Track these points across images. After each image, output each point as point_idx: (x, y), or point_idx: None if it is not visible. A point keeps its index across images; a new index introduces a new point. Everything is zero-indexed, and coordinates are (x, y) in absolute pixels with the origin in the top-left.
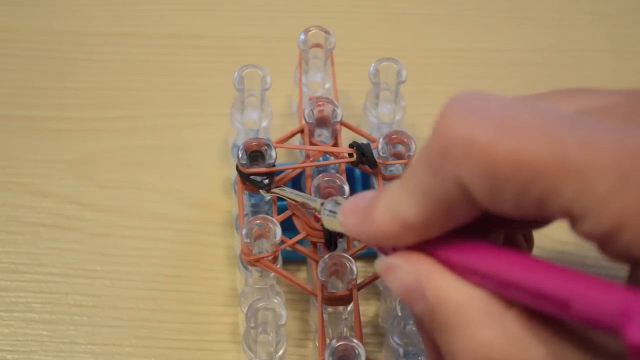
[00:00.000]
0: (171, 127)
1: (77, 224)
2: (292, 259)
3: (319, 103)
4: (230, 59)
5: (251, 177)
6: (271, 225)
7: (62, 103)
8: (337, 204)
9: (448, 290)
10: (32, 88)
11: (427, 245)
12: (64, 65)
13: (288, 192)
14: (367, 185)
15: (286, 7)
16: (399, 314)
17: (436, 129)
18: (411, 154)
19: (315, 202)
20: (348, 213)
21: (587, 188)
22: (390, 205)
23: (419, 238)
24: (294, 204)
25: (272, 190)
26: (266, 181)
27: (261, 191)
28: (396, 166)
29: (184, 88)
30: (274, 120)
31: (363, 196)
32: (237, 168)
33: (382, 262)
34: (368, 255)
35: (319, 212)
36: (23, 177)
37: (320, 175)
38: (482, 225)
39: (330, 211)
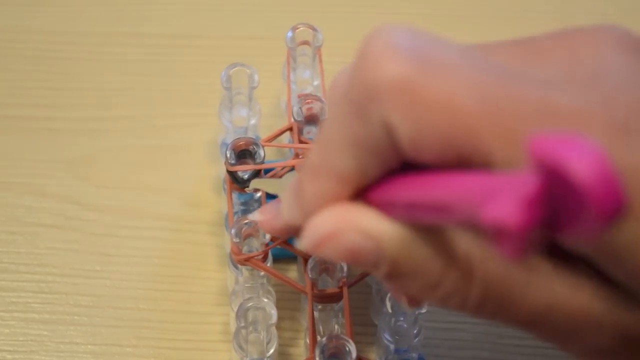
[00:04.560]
0: (171, 127)
1: (77, 224)
2: (283, 257)
3: (307, 100)
4: (229, 59)
5: (234, 176)
6: None
7: (62, 103)
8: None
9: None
10: (32, 88)
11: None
12: (64, 65)
13: (264, 183)
14: None
15: (286, 7)
16: (390, 310)
17: (358, 69)
18: (325, 117)
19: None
20: (285, 204)
21: (515, 149)
22: (320, 165)
23: (355, 188)
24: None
25: (251, 184)
26: (245, 176)
27: (246, 189)
28: None
29: (184, 88)
30: (266, 120)
31: (294, 179)
32: (225, 167)
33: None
34: None
35: None
36: (23, 177)
37: None
38: None
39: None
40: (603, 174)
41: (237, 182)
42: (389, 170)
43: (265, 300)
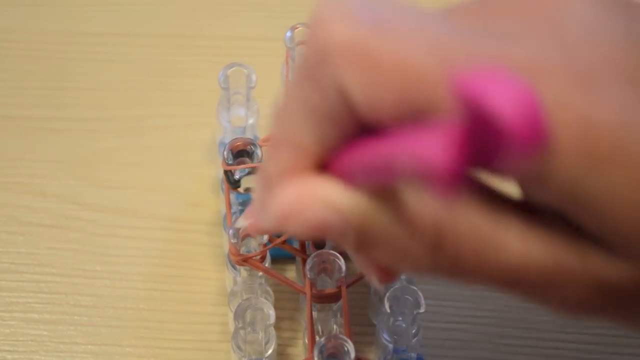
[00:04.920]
0: (170, 127)
1: (77, 224)
2: (281, 257)
3: None
4: (228, 59)
5: (228, 176)
6: None
7: (62, 103)
8: None
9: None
10: (32, 88)
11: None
12: (64, 65)
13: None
14: None
15: (286, 7)
16: (388, 310)
17: (311, 34)
18: None
19: None
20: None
21: None
22: (279, 139)
23: (316, 159)
24: None
25: (242, 183)
26: (236, 177)
27: (238, 190)
28: None
29: (183, 88)
30: (264, 120)
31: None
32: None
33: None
34: None
35: None
36: (23, 177)
37: None
38: None
39: None
40: (522, 106)
41: (230, 183)
42: (347, 136)
43: (264, 300)
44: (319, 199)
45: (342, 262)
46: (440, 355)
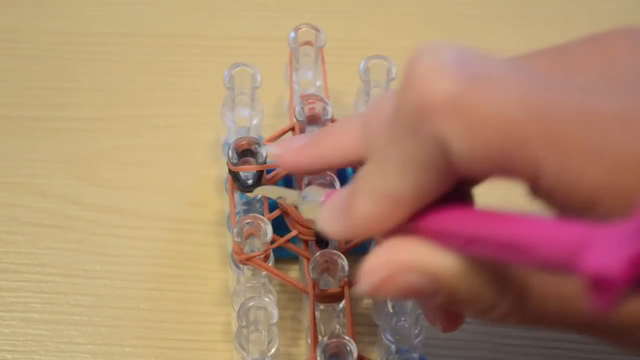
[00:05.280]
0: (171, 127)
1: (77, 224)
2: (284, 257)
3: (309, 101)
4: (230, 59)
5: (237, 178)
6: (262, 224)
7: (62, 103)
8: (316, 192)
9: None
10: (32, 88)
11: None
12: (64, 65)
13: (270, 191)
14: None
15: (286, 7)
16: (391, 310)
17: (409, 88)
18: (328, 117)
19: (295, 195)
20: (328, 218)
21: (564, 157)
22: (373, 186)
23: (410, 212)
24: (285, 204)
25: (255, 191)
26: (250, 181)
27: (249, 194)
28: None
29: (184, 88)
30: (268, 120)
31: (339, 194)
32: (228, 167)
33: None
34: (360, 252)
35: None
36: (23, 177)
37: None
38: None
39: (308, 200)
40: None
41: (239, 184)
42: (442, 191)
43: (267, 299)
44: (412, 264)
45: (345, 261)
46: (441, 355)
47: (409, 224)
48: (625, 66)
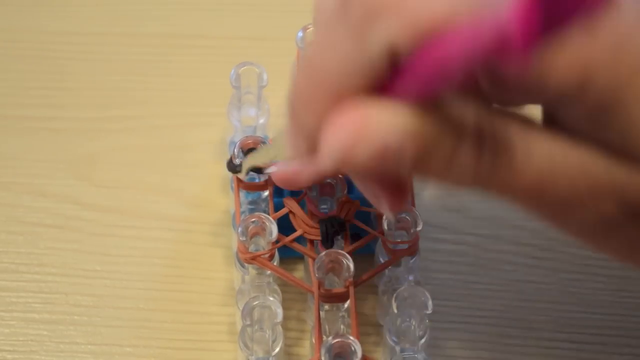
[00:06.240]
0: (171, 127)
1: (77, 224)
2: (289, 257)
3: None
4: (230, 59)
5: (232, 165)
6: (267, 223)
7: (62, 103)
8: None
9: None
10: (32, 88)
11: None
12: (64, 65)
13: (259, 156)
14: None
15: (286, 7)
16: (396, 311)
17: None
18: None
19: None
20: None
21: None
22: (311, 91)
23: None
24: (291, 203)
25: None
26: (237, 161)
27: (241, 174)
28: None
29: (184, 88)
30: (274, 120)
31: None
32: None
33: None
34: (365, 253)
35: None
36: (23, 177)
37: None
38: None
39: None
40: None
41: (233, 170)
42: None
43: (271, 299)
44: (382, 119)
45: (350, 261)
46: (441, 355)
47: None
48: None
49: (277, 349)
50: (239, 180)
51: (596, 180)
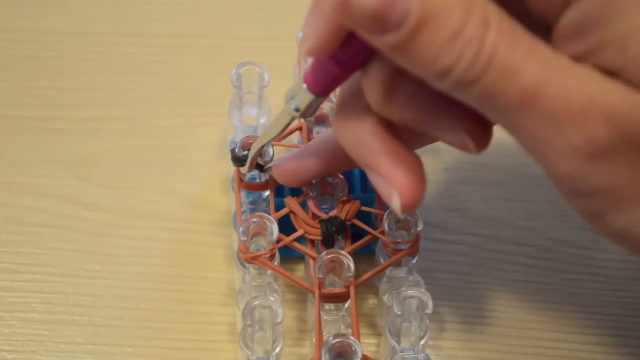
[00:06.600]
0: (171, 127)
1: (78, 224)
2: (290, 257)
3: None
4: (231, 59)
5: (236, 157)
6: (268, 223)
7: (62, 103)
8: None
9: None
10: (32, 88)
11: None
12: (64, 65)
13: (263, 137)
14: (365, 182)
15: (286, 6)
16: (396, 311)
17: None
18: None
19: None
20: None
21: None
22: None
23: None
24: (291, 203)
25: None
26: (244, 153)
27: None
28: None
29: (184, 88)
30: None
31: None
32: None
33: None
34: (366, 253)
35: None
36: (23, 177)
37: None
38: None
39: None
40: None
41: (238, 162)
42: None
43: (272, 299)
44: None
45: (351, 261)
46: (441, 355)
47: None
48: None
49: (278, 349)
50: (240, 180)
51: (589, 99)
